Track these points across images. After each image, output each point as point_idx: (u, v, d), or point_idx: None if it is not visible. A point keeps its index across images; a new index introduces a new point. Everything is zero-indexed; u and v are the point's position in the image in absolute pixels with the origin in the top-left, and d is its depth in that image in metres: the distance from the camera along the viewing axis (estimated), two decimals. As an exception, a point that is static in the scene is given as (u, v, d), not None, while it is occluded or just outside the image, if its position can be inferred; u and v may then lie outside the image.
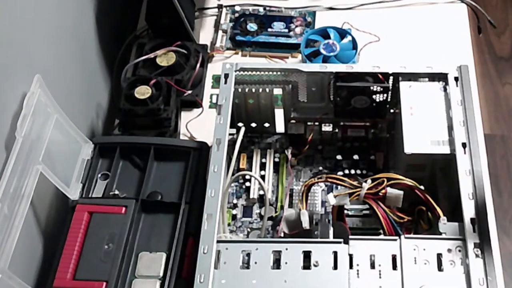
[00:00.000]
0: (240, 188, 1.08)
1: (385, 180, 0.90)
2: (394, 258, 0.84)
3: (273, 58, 1.28)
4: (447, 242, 0.84)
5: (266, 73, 1.03)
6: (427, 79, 1.00)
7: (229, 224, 1.03)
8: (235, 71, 1.01)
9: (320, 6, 1.35)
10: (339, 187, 0.94)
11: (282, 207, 1.04)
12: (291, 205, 1.04)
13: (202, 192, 0.90)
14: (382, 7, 1.34)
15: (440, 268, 0.82)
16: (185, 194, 1.01)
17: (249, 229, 1.03)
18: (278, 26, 1.30)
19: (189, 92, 1.19)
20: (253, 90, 1.04)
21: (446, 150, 0.93)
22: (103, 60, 1.25)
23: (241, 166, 1.08)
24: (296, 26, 1.30)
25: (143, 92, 1.12)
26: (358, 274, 0.83)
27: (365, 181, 0.90)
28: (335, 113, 1.06)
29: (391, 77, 1.01)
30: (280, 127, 1.11)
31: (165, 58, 1.20)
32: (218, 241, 0.85)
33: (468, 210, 0.85)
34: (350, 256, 0.84)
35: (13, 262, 0.83)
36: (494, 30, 2.07)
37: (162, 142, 1.09)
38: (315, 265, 0.83)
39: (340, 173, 1.07)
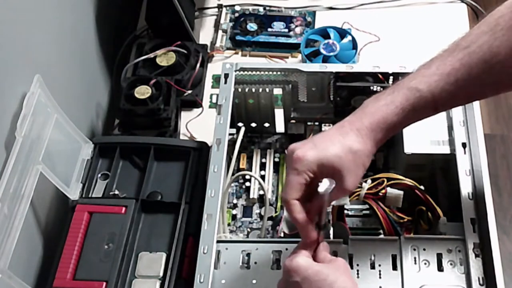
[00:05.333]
0: (240, 188, 1.08)
1: (385, 180, 0.91)
2: (394, 258, 0.84)
3: (273, 58, 1.27)
4: (447, 242, 0.84)
5: (266, 73, 1.03)
6: (427, 79, 1.00)
7: (229, 224, 1.03)
8: (235, 71, 1.01)
9: (320, 6, 1.35)
10: (339, 187, 0.94)
11: (282, 207, 1.03)
12: (291, 205, 1.04)
13: (202, 192, 0.90)
14: (382, 7, 1.34)
15: (440, 268, 0.82)
16: (185, 194, 1.01)
17: (249, 229, 1.03)
18: (278, 26, 1.30)
19: (189, 92, 1.19)
20: (253, 90, 1.03)
21: (446, 150, 0.93)
22: (103, 60, 1.25)
23: (241, 166, 1.08)
24: (296, 26, 1.30)
25: (143, 92, 1.12)
26: (358, 274, 0.83)
27: (365, 181, 0.90)
28: (335, 113, 1.06)
29: (391, 77, 1.01)
30: (280, 127, 1.10)
31: (165, 58, 1.20)
32: (218, 241, 0.85)
33: (468, 210, 0.85)
34: (350, 256, 0.84)
35: (13, 262, 0.83)
36: (494, 30, 2.06)
37: (162, 142, 1.09)
38: (315, 265, 0.83)
39: (340, 173, 1.07)
